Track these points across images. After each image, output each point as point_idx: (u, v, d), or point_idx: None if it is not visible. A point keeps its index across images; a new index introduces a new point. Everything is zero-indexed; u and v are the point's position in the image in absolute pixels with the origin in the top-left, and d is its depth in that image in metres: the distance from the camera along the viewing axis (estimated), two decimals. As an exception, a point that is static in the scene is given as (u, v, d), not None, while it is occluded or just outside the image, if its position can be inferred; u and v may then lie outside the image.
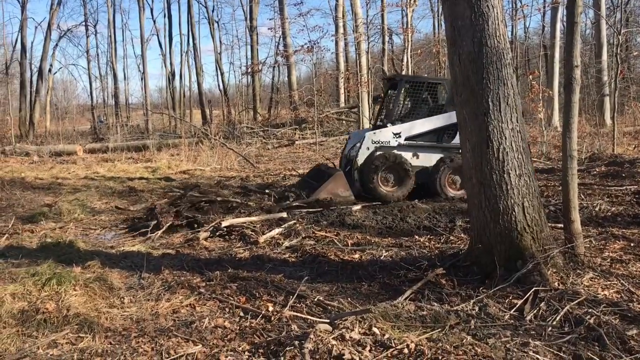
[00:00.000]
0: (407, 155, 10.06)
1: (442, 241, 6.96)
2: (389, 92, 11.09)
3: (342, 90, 27.50)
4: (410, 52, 24.77)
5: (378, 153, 9.94)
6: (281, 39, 31.66)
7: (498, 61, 5.21)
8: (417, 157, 10.14)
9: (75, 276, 5.70)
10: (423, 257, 6.10)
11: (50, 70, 37.60)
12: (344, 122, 25.79)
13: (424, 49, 27.54)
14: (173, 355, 4.01)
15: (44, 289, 5.45)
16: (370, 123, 17.21)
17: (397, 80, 10.86)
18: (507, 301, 4.66)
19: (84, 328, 4.62)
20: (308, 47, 23.14)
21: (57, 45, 38.03)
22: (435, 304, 4.67)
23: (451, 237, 7.06)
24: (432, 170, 10.04)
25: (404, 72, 25.17)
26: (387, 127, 10.24)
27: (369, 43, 23.36)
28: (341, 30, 26.37)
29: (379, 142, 10.08)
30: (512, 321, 4.28)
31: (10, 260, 6.70)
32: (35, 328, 4.68)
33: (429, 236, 7.25)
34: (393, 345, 3.74)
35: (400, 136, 10.07)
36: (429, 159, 10.16)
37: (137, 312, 5.04)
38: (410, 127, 10.16)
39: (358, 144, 10.21)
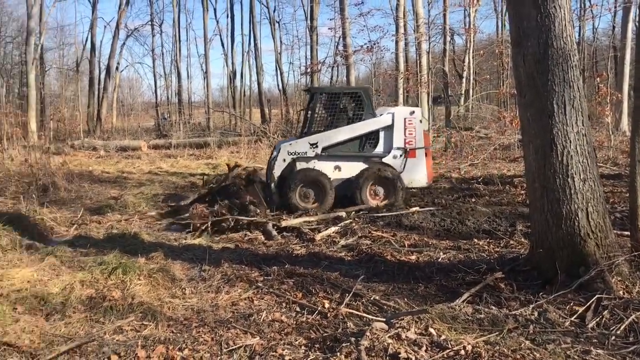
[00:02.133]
0: (329, 169, 9.71)
1: (501, 245, 6.84)
2: (311, 104, 10.49)
3: (400, 91, 27.27)
4: (472, 52, 24.36)
5: (298, 168, 9.64)
6: (341, 39, 31.61)
7: (564, 63, 5.08)
8: (340, 170, 9.77)
9: (140, 266, 5.94)
10: (482, 261, 6.02)
11: (117, 68, 38.89)
12: (402, 122, 25.57)
13: (486, 50, 26.99)
14: (232, 346, 4.13)
15: (110, 278, 5.71)
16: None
17: (312, 92, 10.51)
18: (567, 308, 4.55)
19: (148, 316, 4.82)
20: (368, 47, 23.05)
21: (124, 44, 39.24)
22: (494, 307, 4.62)
23: (511, 242, 6.93)
24: (354, 181, 9.65)
25: (464, 73, 24.82)
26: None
27: (429, 43, 23.06)
28: (402, 30, 26.12)
29: (295, 154, 9.74)
30: (573, 328, 4.18)
31: (79, 249, 7.04)
32: (102, 314, 4.91)
33: (488, 240, 7.14)
34: (449, 346, 3.73)
35: (317, 146, 9.71)
36: (351, 170, 9.73)
37: (198, 303, 5.21)
38: (326, 136, 9.79)
39: (275, 155, 9.94)
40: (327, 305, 4.97)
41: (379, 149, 9.86)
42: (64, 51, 42.29)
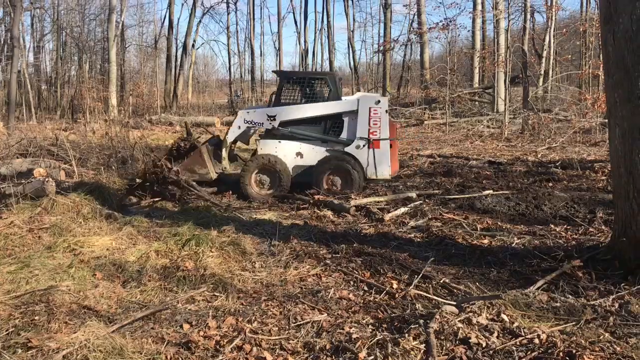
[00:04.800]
0: (290, 155, 9.33)
1: (580, 232, 6.53)
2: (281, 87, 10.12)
3: (476, 70, 26.50)
4: (554, 31, 23.25)
5: (259, 154, 9.31)
6: (415, 16, 31.09)
7: (659, 40, 4.73)
8: (301, 157, 9.36)
9: (212, 239, 6.09)
10: (558, 248, 5.78)
11: (193, 46, 39.80)
12: (476, 103, 24.91)
13: (569, 28, 25.70)
14: (300, 321, 4.16)
15: (184, 249, 5.89)
16: None
17: (280, 76, 10.30)
18: (652, 301, 4.30)
19: (219, 287, 4.95)
20: (443, 24, 22.52)
21: (200, 21, 40.08)
22: (570, 296, 4.43)
23: (590, 229, 6.60)
24: (314, 168, 9.26)
25: (545, 52, 23.81)
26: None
27: (509, 21, 22.23)
28: (479, 7, 25.37)
29: (251, 122, 9.51)
30: (658, 323, 3.94)
31: (155, 220, 7.29)
32: (175, 283, 5.08)
33: (565, 226, 6.83)
34: (522, 334, 3.61)
35: (274, 119, 9.37)
36: (312, 157, 9.32)
37: (267, 277, 5.28)
38: (286, 111, 9.42)
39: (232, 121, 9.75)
40: (395, 286, 4.93)
41: (342, 135, 9.44)
42: (143, 28, 43.77)
